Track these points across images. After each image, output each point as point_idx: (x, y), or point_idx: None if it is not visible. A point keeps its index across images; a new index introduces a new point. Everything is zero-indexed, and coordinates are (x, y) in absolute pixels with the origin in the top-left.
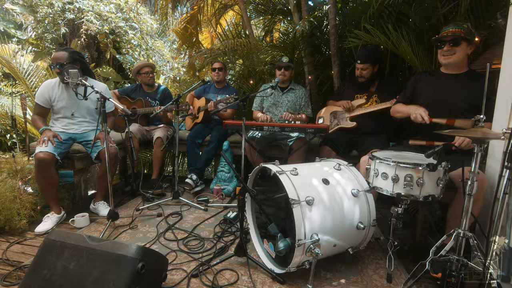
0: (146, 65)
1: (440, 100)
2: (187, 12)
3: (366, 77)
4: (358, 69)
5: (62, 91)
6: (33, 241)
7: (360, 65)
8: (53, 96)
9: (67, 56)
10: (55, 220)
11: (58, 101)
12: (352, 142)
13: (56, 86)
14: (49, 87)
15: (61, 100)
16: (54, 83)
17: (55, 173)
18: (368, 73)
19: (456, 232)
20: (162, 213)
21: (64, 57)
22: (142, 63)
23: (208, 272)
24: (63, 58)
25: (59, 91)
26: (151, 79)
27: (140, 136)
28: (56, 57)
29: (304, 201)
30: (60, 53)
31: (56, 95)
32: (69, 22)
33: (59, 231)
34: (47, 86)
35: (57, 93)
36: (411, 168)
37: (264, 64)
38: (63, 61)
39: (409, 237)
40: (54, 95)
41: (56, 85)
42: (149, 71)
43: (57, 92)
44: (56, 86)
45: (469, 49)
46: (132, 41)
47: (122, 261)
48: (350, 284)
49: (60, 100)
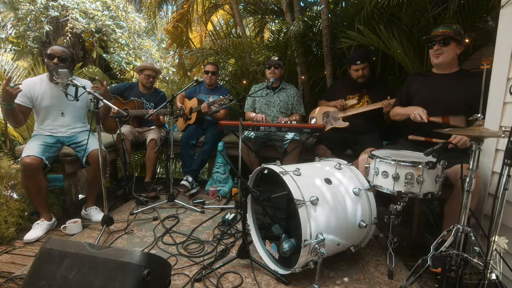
0: (151, 68)
1: (435, 99)
2: (177, 11)
3: (366, 75)
4: (358, 70)
5: (47, 89)
6: (23, 250)
7: (360, 65)
8: (36, 95)
9: (70, 53)
10: (45, 227)
11: (42, 99)
12: (346, 141)
13: (39, 83)
14: (31, 85)
15: (46, 99)
16: (37, 80)
17: (43, 178)
18: (368, 71)
19: (456, 228)
20: (158, 216)
21: (68, 53)
22: (149, 65)
23: (211, 276)
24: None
25: (43, 89)
26: (150, 83)
27: (132, 138)
28: (55, 50)
29: (309, 201)
30: (59, 47)
31: (39, 94)
32: (52, 20)
33: (55, 239)
34: (28, 84)
35: (40, 91)
36: (412, 166)
37: (257, 64)
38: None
39: (406, 234)
40: (37, 93)
41: (39, 82)
42: (150, 75)
43: (42, 90)
44: (39, 83)
45: (458, 49)
46: (120, 40)
47: (126, 269)
48: (353, 282)
49: (45, 98)
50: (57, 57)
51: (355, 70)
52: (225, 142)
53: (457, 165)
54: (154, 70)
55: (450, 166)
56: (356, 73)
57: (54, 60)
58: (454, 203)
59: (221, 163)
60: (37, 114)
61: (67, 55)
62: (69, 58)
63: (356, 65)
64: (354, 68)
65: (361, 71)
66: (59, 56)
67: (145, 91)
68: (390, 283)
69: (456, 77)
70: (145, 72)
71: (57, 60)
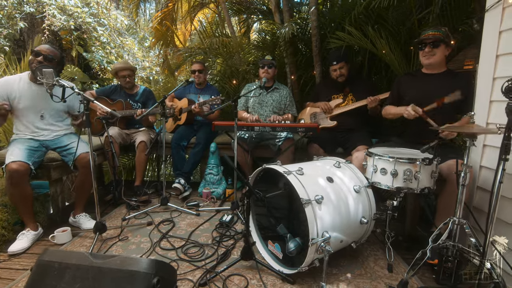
0: (124, 68)
1: (425, 97)
2: (161, 9)
3: (345, 74)
4: (335, 70)
5: (26, 88)
6: (9, 263)
7: (337, 65)
8: (13, 94)
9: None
10: (31, 238)
11: (20, 100)
12: (337, 140)
13: (17, 82)
14: (8, 84)
15: (24, 99)
16: (15, 79)
17: (29, 185)
18: (346, 71)
19: (452, 220)
20: (152, 221)
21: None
22: (120, 66)
23: (215, 279)
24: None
25: (21, 88)
26: (129, 83)
27: (120, 140)
28: (42, 48)
29: (314, 200)
30: (46, 46)
31: (17, 93)
32: (27, 16)
33: (53, 250)
34: (5, 83)
35: (18, 90)
36: (409, 163)
37: (247, 64)
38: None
39: (399, 228)
40: (15, 93)
41: (17, 81)
42: (126, 75)
43: (20, 89)
44: (17, 82)
45: (447, 50)
46: (101, 38)
47: (135, 278)
48: (356, 277)
49: (23, 99)
50: (42, 55)
51: (333, 70)
52: (217, 142)
53: (449, 161)
54: (128, 68)
55: (442, 162)
56: (335, 73)
57: (38, 58)
58: (446, 196)
59: (214, 164)
60: (15, 115)
61: (55, 55)
62: (56, 59)
63: (333, 65)
64: (332, 69)
65: (339, 71)
66: (45, 55)
67: (129, 92)
68: (390, 276)
69: (444, 77)
70: (120, 74)
71: (42, 58)
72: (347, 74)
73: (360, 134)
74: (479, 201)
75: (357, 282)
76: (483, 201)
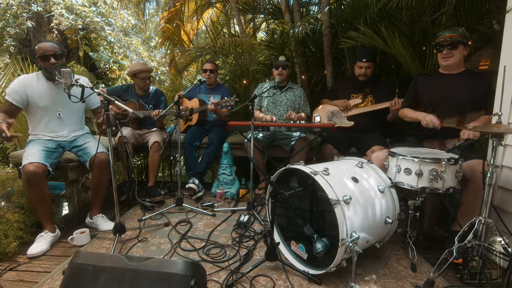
0: (145, 70)
1: (445, 98)
2: (169, 8)
3: (369, 75)
4: (361, 68)
5: (43, 87)
6: (29, 266)
7: (365, 63)
8: (31, 94)
9: (59, 49)
10: (50, 240)
11: (40, 99)
12: (350, 140)
13: (36, 81)
14: (25, 83)
15: (42, 98)
16: (33, 78)
17: (47, 187)
18: (371, 72)
19: (478, 220)
20: (169, 222)
21: (59, 48)
22: (141, 67)
23: (241, 280)
24: (54, 50)
25: (40, 87)
26: (147, 85)
27: (134, 141)
28: (46, 48)
29: (342, 201)
30: (49, 44)
31: (36, 92)
32: (33, 15)
33: (86, 253)
34: (23, 82)
35: (37, 89)
36: (435, 162)
37: (258, 63)
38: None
39: (417, 228)
40: (33, 92)
41: (36, 80)
42: (146, 77)
43: (39, 88)
44: (36, 81)
45: (465, 50)
46: (108, 37)
47: (173, 280)
48: (381, 277)
49: (40, 98)
50: (51, 55)
51: (359, 67)
52: (229, 142)
53: (471, 160)
54: (148, 70)
55: (464, 162)
56: (360, 70)
57: (50, 60)
58: (470, 196)
59: (227, 165)
60: (33, 115)
61: (60, 49)
62: (63, 53)
63: (361, 62)
64: (359, 65)
65: (365, 69)
66: (53, 54)
67: (142, 93)
68: (415, 276)
69: (463, 77)
70: (140, 75)
71: (53, 59)
72: (370, 75)
73: (375, 134)
74: (500, 200)
75: (383, 282)
76: (504, 201)
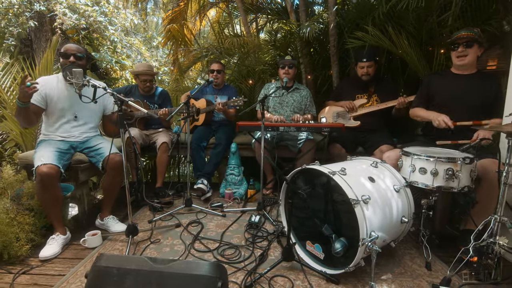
0: (146, 73)
1: (456, 98)
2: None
3: (371, 74)
4: (363, 68)
5: (64, 89)
6: (42, 269)
7: (366, 63)
8: (52, 95)
9: (86, 52)
10: (61, 242)
11: (59, 100)
12: (357, 139)
13: (56, 83)
14: (47, 84)
15: (61, 100)
16: (53, 79)
17: (59, 188)
18: (373, 71)
19: (494, 218)
20: (180, 223)
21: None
22: (143, 70)
23: (260, 281)
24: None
25: (59, 89)
26: (148, 87)
27: (141, 141)
28: (70, 47)
29: (362, 201)
30: (74, 45)
31: (56, 94)
32: (34, 15)
33: (110, 255)
34: (44, 83)
35: (57, 91)
36: (451, 162)
37: (264, 63)
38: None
39: (428, 226)
40: (54, 93)
41: (56, 82)
42: (147, 79)
43: (58, 90)
44: (56, 83)
45: (479, 51)
46: (112, 37)
47: (200, 282)
48: (397, 276)
49: (61, 99)
50: (72, 55)
51: (361, 68)
52: (237, 143)
53: (484, 160)
54: (150, 74)
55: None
56: (362, 70)
57: (70, 58)
58: (484, 195)
59: (235, 165)
60: (50, 116)
61: (83, 52)
62: (85, 56)
63: (362, 62)
64: (360, 65)
65: (366, 69)
66: (75, 53)
67: (145, 94)
68: (430, 274)
69: (475, 78)
70: (141, 78)
71: (73, 58)
72: (373, 74)
73: (382, 134)
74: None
75: (400, 281)
76: None
